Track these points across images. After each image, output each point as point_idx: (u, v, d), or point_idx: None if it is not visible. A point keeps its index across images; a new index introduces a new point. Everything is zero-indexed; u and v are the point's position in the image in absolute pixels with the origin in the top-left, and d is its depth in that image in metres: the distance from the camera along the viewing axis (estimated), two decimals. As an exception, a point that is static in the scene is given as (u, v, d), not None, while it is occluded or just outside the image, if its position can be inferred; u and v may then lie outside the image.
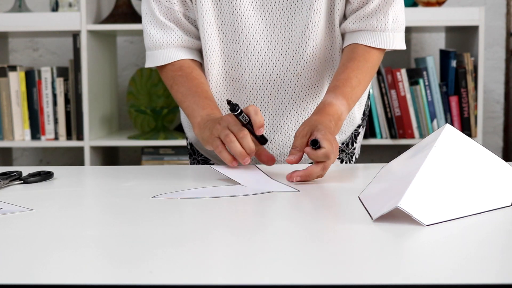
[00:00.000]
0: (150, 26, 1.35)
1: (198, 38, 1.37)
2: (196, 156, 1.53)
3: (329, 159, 1.12)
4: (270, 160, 1.21)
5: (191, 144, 1.54)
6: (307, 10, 1.29)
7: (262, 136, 1.20)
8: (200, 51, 1.39)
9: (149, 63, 1.38)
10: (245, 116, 1.14)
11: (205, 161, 1.51)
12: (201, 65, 1.39)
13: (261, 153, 1.21)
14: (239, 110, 1.13)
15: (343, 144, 1.47)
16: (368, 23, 1.31)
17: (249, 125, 1.16)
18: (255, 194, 1.05)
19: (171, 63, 1.35)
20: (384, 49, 1.34)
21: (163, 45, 1.35)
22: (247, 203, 1.00)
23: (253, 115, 1.14)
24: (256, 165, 1.26)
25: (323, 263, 0.69)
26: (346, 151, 1.48)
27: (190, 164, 1.57)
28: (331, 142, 1.12)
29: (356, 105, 1.41)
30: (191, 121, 1.29)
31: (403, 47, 1.36)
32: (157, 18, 1.34)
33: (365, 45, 1.31)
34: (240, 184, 1.11)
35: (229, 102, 1.13)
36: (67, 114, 2.61)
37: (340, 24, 1.34)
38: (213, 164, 1.47)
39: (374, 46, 1.31)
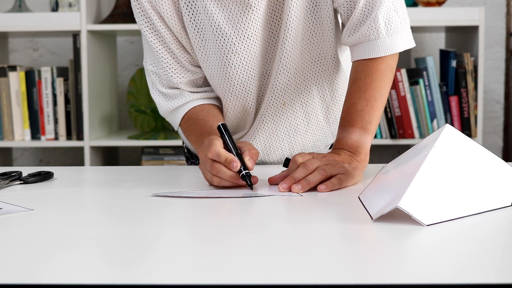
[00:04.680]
0: (157, 96, 1.37)
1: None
2: (194, 160, 1.53)
3: (297, 162, 1.11)
4: (245, 163, 1.13)
5: (187, 148, 1.54)
6: (282, 42, 1.26)
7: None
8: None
9: (175, 128, 1.40)
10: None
11: None
12: (211, 98, 1.38)
13: (243, 155, 1.14)
14: (247, 177, 1.09)
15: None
16: (361, 33, 1.23)
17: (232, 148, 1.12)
18: (256, 196, 1.05)
19: (182, 117, 1.35)
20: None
21: (172, 110, 1.36)
22: (247, 203, 1.00)
23: (217, 158, 1.09)
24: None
25: (323, 263, 0.69)
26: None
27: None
28: (302, 155, 1.13)
29: (338, 104, 1.40)
30: None
31: (410, 45, 1.28)
32: (160, 90, 1.35)
33: (365, 59, 1.25)
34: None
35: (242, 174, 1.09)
36: (67, 114, 2.61)
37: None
38: None
39: (373, 57, 1.24)
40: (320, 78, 1.34)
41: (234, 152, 1.10)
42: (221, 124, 1.14)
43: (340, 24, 1.31)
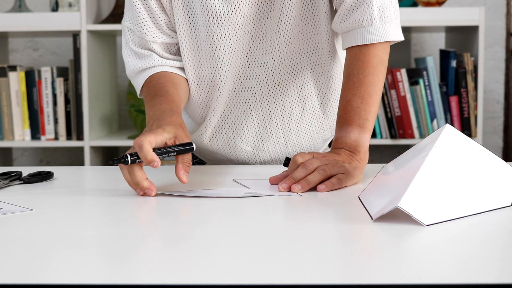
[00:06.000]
0: (127, 55, 1.35)
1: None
2: (193, 158, 1.53)
3: (297, 162, 1.11)
4: (180, 179, 1.07)
5: None
6: (277, 20, 1.27)
7: (181, 145, 1.08)
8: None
9: (138, 93, 1.37)
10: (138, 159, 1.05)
11: (200, 163, 1.52)
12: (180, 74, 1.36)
13: (177, 167, 1.08)
14: (126, 160, 1.03)
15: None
16: (354, 19, 1.23)
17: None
18: (256, 196, 1.05)
19: (145, 82, 1.32)
20: (383, 42, 1.25)
21: (139, 70, 1.34)
22: (247, 203, 1.00)
23: (138, 153, 1.04)
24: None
25: (323, 263, 0.69)
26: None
27: None
28: (302, 155, 1.13)
29: (334, 96, 1.40)
30: None
31: (400, 38, 1.27)
32: (131, 48, 1.34)
33: (357, 49, 1.24)
34: (245, 186, 1.11)
35: (114, 161, 1.04)
36: (67, 114, 2.61)
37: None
38: (205, 164, 1.49)
39: (365, 43, 1.23)
40: (315, 64, 1.34)
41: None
42: (121, 159, 1.05)
43: (332, 12, 1.31)
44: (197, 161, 1.53)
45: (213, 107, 1.36)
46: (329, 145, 1.48)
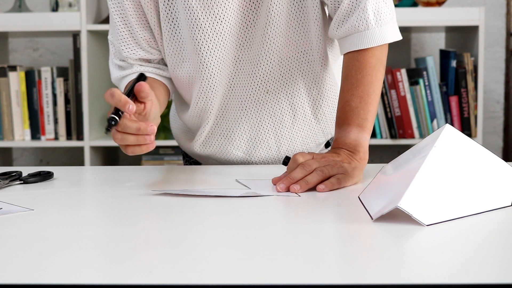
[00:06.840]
0: (111, 65, 1.39)
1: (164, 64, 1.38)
2: (188, 158, 1.54)
3: (297, 161, 1.11)
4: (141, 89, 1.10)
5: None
6: (263, 28, 1.26)
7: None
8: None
9: None
10: (120, 112, 1.06)
11: (197, 163, 1.52)
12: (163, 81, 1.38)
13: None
14: (113, 122, 1.05)
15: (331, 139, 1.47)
16: (350, 24, 1.23)
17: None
18: (255, 196, 1.05)
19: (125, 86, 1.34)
20: (381, 45, 1.25)
21: (121, 77, 1.37)
22: (247, 203, 1.00)
23: (111, 100, 1.07)
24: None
25: (323, 263, 0.69)
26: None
27: (184, 165, 1.57)
28: (302, 154, 1.13)
29: (326, 101, 1.39)
30: None
31: (398, 37, 1.27)
32: (113, 61, 1.38)
33: (355, 52, 1.24)
34: (246, 186, 1.11)
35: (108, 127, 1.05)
36: (67, 114, 2.61)
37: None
38: (201, 165, 1.50)
39: (363, 48, 1.23)
40: (306, 70, 1.34)
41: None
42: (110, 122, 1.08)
43: (326, 18, 1.31)
44: (193, 161, 1.53)
45: (206, 116, 1.37)
46: (326, 146, 1.47)
